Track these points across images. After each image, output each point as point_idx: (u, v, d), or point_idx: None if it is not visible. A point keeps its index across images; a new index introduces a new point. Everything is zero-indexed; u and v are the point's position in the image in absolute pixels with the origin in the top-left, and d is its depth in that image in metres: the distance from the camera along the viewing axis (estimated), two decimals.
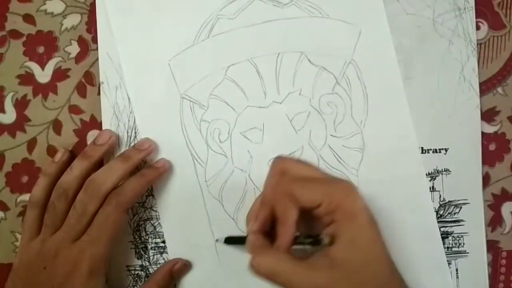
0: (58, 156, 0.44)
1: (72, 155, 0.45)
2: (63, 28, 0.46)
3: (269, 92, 0.45)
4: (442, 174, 0.46)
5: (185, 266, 0.45)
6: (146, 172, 0.44)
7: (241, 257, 0.43)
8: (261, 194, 0.40)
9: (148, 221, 0.46)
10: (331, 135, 0.45)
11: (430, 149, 0.46)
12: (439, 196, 0.46)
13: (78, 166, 0.43)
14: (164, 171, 0.44)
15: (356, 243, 0.35)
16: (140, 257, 0.46)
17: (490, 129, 0.46)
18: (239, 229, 0.45)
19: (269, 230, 0.38)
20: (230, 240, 0.42)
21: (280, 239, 0.37)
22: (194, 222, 0.45)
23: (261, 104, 0.45)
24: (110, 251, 0.41)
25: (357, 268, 0.35)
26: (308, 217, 0.37)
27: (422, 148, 0.46)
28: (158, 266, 0.46)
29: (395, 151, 0.45)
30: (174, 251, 0.45)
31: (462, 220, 0.46)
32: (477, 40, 0.46)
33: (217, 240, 0.44)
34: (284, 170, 0.38)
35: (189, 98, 0.45)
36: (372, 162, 0.45)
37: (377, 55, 0.45)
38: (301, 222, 0.37)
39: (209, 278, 0.45)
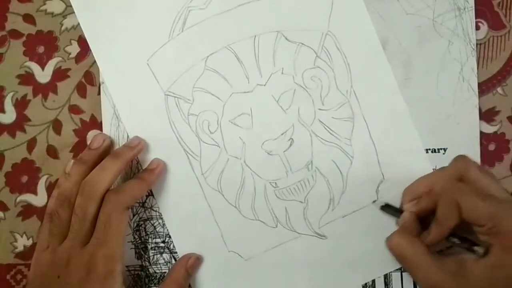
0: (69, 167, 0.43)
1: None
2: (63, 28, 0.46)
3: (251, 76, 0.45)
4: None
5: (198, 260, 0.45)
6: (144, 176, 0.44)
7: (249, 243, 0.45)
8: (428, 175, 0.43)
9: (148, 221, 0.46)
10: (320, 109, 0.45)
11: (429, 149, 0.45)
12: None
13: (76, 171, 0.42)
14: (160, 171, 0.44)
15: (504, 272, 0.36)
16: (140, 257, 0.46)
17: (489, 129, 0.46)
18: (243, 216, 0.45)
19: (423, 216, 0.42)
20: (387, 208, 0.44)
21: (430, 236, 0.40)
22: (197, 216, 0.45)
23: (245, 89, 0.45)
24: (122, 249, 0.41)
25: None
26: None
27: None
28: (158, 266, 0.46)
29: (384, 114, 0.45)
30: (182, 248, 0.45)
31: None
32: (477, 40, 0.46)
33: (374, 202, 0.45)
34: (463, 175, 0.40)
35: (173, 94, 0.45)
36: (363, 130, 0.45)
37: (352, 22, 0.45)
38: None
39: (219, 267, 0.45)
